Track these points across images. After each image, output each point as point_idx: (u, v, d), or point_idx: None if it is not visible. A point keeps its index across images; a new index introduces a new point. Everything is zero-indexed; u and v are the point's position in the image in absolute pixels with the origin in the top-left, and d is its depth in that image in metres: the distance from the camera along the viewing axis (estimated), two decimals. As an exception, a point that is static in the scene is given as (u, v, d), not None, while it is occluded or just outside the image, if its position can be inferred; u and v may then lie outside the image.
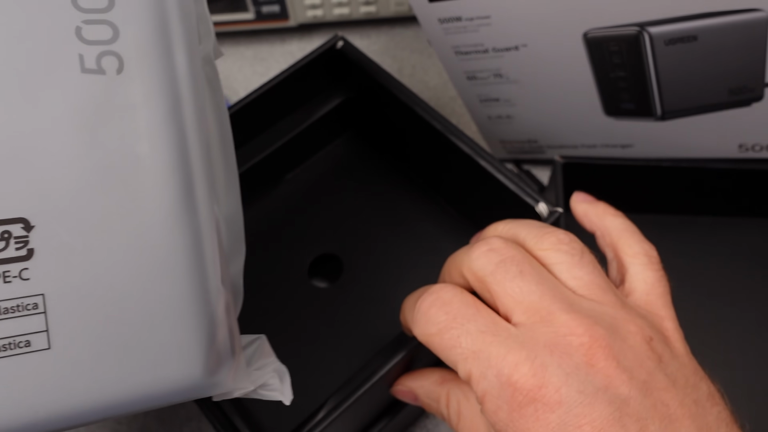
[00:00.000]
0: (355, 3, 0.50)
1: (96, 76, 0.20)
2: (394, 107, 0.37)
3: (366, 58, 0.37)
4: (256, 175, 0.39)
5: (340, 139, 0.43)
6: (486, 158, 0.33)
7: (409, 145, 0.40)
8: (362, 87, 0.39)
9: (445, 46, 0.38)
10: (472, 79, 0.40)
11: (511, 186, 0.31)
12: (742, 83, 0.35)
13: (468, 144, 0.34)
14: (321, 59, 0.38)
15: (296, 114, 0.40)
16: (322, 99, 0.41)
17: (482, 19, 0.35)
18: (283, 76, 0.38)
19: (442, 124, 0.35)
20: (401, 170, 0.42)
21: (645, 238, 0.28)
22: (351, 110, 0.42)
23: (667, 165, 0.33)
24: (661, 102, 0.37)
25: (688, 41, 0.34)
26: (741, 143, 0.39)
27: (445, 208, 0.40)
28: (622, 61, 0.35)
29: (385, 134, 0.42)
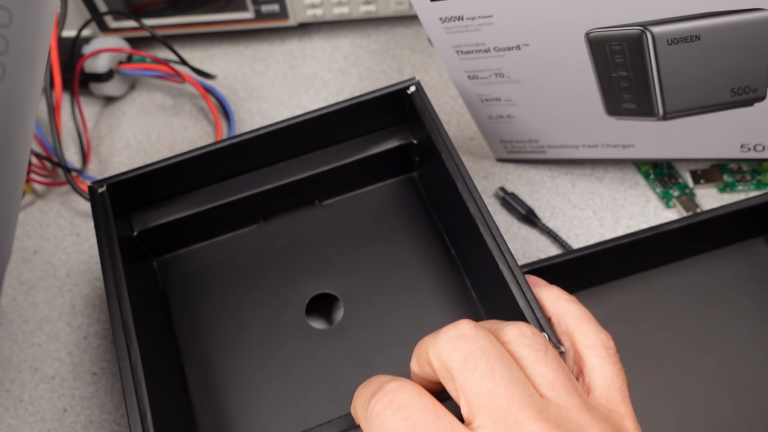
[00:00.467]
0: (355, 2, 0.50)
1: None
2: (440, 169, 0.35)
3: (428, 113, 0.35)
4: (295, 191, 0.39)
5: (383, 182, 0.41)
6: (510, 267, 0.30)
7: (446, 211, 0.38)
8: (422, 137, 0.38)
9: (446, 46, 0.38)
10: (473, 78, 0.40)
11: (525, 308, 0.29)
12: (744, 83, 0.35)
13: (497, 241, 0.31)
14: (388, 98, 0.36)
15: (350, 143, 0.39)
16: (382, 136, 0.39)
17: (484, 19, 0.35)
18: (341, 106, 0.36)
19: (478, 209, 0.32)
20: (435, 229, 0.39)
21: (600, 327, 0.27)
22: (405, 155, 0.40)
23: (604, 248, 0.36)
24: (663, 102, 0.37)
25: (690, 41, 0.34)
26: (743, 143, 0.39)
27: (465, 285, 0.37)
28: (624, 60, 0.35)
29: (428, 190, 0.40)
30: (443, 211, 0.38)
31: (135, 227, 0.36)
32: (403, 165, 0.41)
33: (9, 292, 0.44)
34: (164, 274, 0.39)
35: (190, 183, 0.37)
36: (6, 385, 0.41)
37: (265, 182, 0.37)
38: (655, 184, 0.45)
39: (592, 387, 0.26)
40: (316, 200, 0.40)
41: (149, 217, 0.37)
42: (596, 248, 0.36)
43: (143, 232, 0.37)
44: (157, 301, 0.38)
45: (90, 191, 0.34)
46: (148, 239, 0.37)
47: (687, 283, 0.40)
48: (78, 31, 0.49)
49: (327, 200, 0.41)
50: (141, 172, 0.35)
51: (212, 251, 0.40)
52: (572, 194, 0.45)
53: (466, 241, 0.35)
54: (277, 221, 0.40)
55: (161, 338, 0.36)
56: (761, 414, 0.36)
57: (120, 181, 0.35)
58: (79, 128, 0.50)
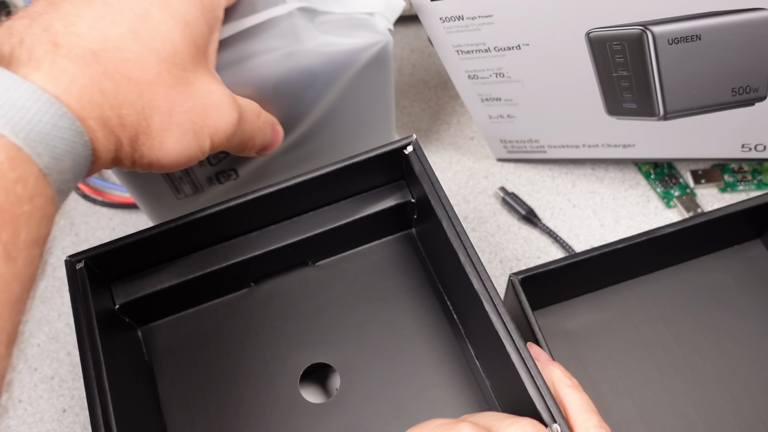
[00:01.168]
0: (355, 2, 0.50)
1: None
2: (440, 231, 0.32)
3: (427, 174, 0.33)
4: (287, 255, 0.36)
5: (380, 240, 0.39)
6: (516, 344, 0.28)
7: (448, 274, 0.35)
8: (419, 195, 0.35)
9: (446, 46, 0.38)
10: (473, 78, 0.40)
11: (536, 399, 0.27)
12: (745, 83, 0.35)
13: (502, 320, 0.29)
14: (384, 157, 0.34)
15: (344, 203, 0.37)
16: (378, 195, 0.37)
17: (484, 18, 0.35)
18: (334, 167, 0.34)
19: (482, 284, 0.30)
20: (435, 290, 0.37)
21: (602, 421, 0.27)
22: (402, 213, 0.38)
23: (600, 253, 0.36)
24: (663, 101, 0.37)
25: (691, 40, 0.33)
26: (744, 143, 0.39)
27: (468, 353, 0.35)
28: (624, 60, 0.35)
29: (427, 248, 0.38)
30: (444, 271, 0.36)
31: (117, 300, 0.34)
32: (401, 222, 0.39)
33: (8, 293, 0.44)
34: (149, 344, 0.37)
35: (175, 251, 0.35)
36: (5, 385, 0.41)
37: (255, 247, 0.35)
38: (655, 184, 0.45)
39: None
40: (309, 261, 0.38)
41: (132, 288, 0.34)
42: (593, 253, 0.36)
43: (125, 305, 0.34)
44: (143, 375, 0.35)
45: (67, 266, 0.32)
46: (131, 311, 0.35)
47: (685, 287, 0.40)
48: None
49: (321, 261, 0.38)
50: (121, 244, 0.32)
51: (200, 318, 0.37)
52: (573, 194, 0.45)
53: (470, 310, 0.33)
54: (268, 285, 0.38)
55: (146, 417, 0.34)
56: (761, 416, 0.36)
57: (99, 254, 0.32)
58: (79, 128, 0.50)
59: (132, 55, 0.24)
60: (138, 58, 0.24)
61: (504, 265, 0.43)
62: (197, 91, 0.26)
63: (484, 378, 0.34)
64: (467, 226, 0.45)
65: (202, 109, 0.26)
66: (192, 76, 0.26)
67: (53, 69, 0.22)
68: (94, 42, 0.23)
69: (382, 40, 0.34)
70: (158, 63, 0.25)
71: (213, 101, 0.27)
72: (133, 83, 0.24)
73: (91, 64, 0.23)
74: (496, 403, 0.33)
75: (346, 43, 0.34)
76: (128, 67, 0.24)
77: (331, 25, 0.34)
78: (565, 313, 0.39)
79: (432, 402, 0.34)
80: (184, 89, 0.26)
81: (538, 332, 0.33)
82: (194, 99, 0.26)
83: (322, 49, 0.34)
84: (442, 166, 0.47)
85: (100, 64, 0.23)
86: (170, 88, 0.25)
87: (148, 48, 0.24)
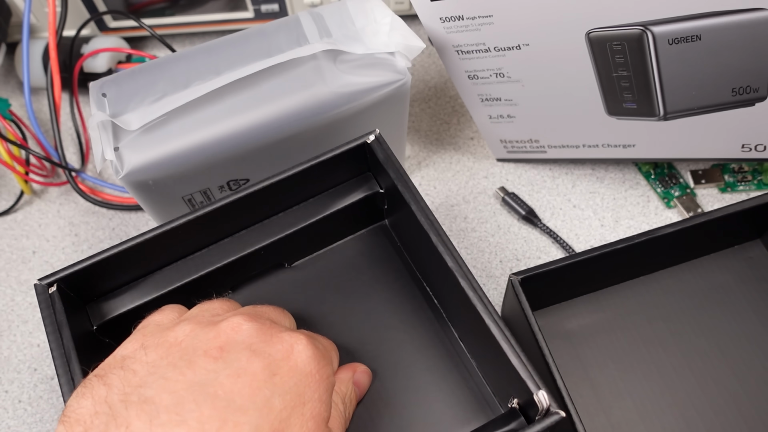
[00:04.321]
0: (355, 2, 0.50)
1: None
2: (412, 217, 0.32)
3: (391, 161, 0.33)
4: (261, 259, 0.36)
5: (354, 234, 0.39)
6: (497, 323, 0.28)
7: (424, 259, 0.35)
8: (387, 185, 0.35)
9: (446, 45, 0.38)
10: (473, 78, 0.40)
11: (518, 367, 0.27)
12: (745, 83, 0.35)
13: (478, 294, 0.29)
14: (348, 153, 0.35)
15: (313, 201, 0.36)
16: (345, 189, 0.37)
17: (484, 18, 0.35)
18: (299, 169, 0.34)
19: (455, 261, 0.30)
20: (414, 278, 0.37)
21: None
22: (372, 204, 0.37)
23: (600, 253, 0.36)
24: (663, 102, 0.37)
25: (691, 41, 0.33)
26: (744, 143, 0.39)
27: (452, 336, 0.35)
28: (624, 60, 0.35)
29: (401, 237, 0.38)
30: (420, 258, 0.36)
31: (94, 321, 0.33)
32: (372, 215, 0.38)
33: (8, 292, 0.44)
34: None
35: (148, 265, 0.34)
36: (5, 385, 0.41)
37: (228, 254, 0.35)
38: (655, 184, 0.45)
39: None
40: (285, 263, 0.38)
41: (108, 307, 0.34)
42: (593, 253, 0.35)
43: (103, 325, 0.33)
44: None
45: (37, 290, 0.31)
46: (109, 330, 0.34)
47: (685, 287, 0.39)
48: (77, 30, 0.49)
49: (297, 261, 0.38)
50: (91, 261, 0.31)
51: None
52: (573, 194, 0.45)
53: (448, 291, 0.33)
54: (246, 290, 0.37)
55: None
56: (761, 416, 0.36)
57: (70, 274, 0.31)
58: (78, 128, 0.50)
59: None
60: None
61: (504, 265, 0.43)
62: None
63: (470, 359, 0.34)
64: (467, 226, 0.45)
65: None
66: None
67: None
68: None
69: (401, 78, 0.36)
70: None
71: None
72: None
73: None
74: (484, 382, 0.33)
75: (367, 82, 0.36)
76: None
77: (353, 65, 0.36)
78: (565, 313, 0.39)
79: (419, 388, 0.33)
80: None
81: (537, 332, 0.33)
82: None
83: (344, 90, 0.35)
84: (442, 166, 0.47)
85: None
86: None
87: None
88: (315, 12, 0.38)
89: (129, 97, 0.35)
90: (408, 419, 0.33)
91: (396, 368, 0.34)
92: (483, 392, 0.33)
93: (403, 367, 0.34)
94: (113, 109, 0.35)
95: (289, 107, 0.35)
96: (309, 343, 0.28)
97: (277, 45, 0.36)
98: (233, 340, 0.27)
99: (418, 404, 0.33)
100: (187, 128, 0.34)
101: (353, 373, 0.32)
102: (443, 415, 0.33)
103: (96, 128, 0.34)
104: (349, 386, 0.31)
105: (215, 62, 0.36)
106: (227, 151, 0.35)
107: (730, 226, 0.38)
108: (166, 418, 0.24)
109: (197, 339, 0.27)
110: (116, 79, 0.36)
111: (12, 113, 0.47)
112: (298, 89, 0.35)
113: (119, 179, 0.34)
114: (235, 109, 0.35)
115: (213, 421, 0.24)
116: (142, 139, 0.34)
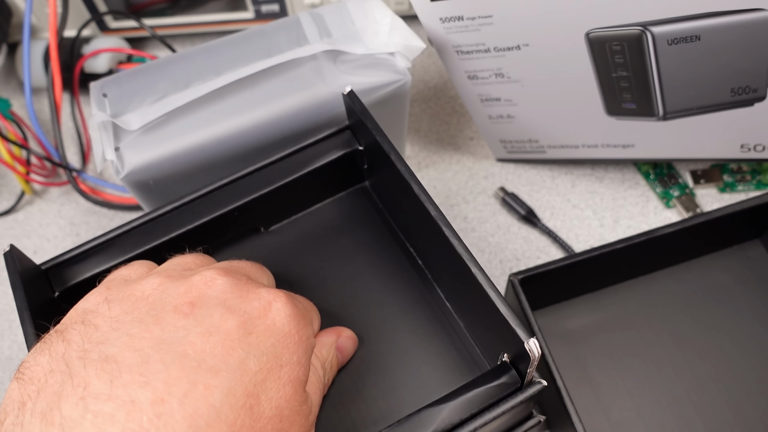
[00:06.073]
0: (355, 2, 0.50)
1: None
2: (392, 174, 0.31)
3: (368, 113, 0.32)
4: (235, 221, 0.34)
5: (333, 197, 0.37)
6: (483, 273, 0.28)
7: (406, 218, 0.34)
8: (367, 141, 0.34)
9: (446, 46, 0.38)
10: (473, 78, 0.40)
11: (506, 314, 0.26)
12: (744, 83, 0.35)
13: (463, 243, 0.28)
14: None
15: (288, 160, 0.35)
16: (323, 148, 0.35)
17: (484, 19, 0.35)
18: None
19: (438, 211, 0.29)
20: (396, 239, 0.36)
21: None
22: (352, 164, 0.36)
23: (599, 253, 0.36)
24: (663, 102, 0.37)
25: (690, 41, 0.34)
26: (743, 143, 0.39)
27: (437, 296, 0.34)
28: (624, 60, 0.35)
29: (382, 198, 0.37)
30: (402, 218, 0.35)
31: (56, 287, 0.31)
32: (352, 176, 0.37)
33: (8, 292, 0.44)
34: None
35: (116, 229, 0.33)
36: (6, 384, 0.41)
37: (200, 215, 0.33)
38: (655, 184, 0.45)
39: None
40: (261, 228, 0.36)
41: (71, 273, 0.32)
42: (593, 253, 0.36)
43: (66, 292, 0.31)
44: None
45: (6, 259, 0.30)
46: (72, 298, 0.30)
47: (684, 287, 0.40)
48: (78, 31, 0.49)
49: (274, 226, 0.36)
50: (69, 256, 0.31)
51: None
52: (572, 194, 0.45)
53: (432, 247, 0.32)
54: (221, 256, 0.35)
55: None
56: (760, 415, 0.36)
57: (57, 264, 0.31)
58: (79, 128, 0.50)
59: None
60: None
61: (504, 265, 0.43)
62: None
63: (457, 319, 0.33)
64: (467, 226, 0.45)
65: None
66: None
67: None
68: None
69: (401, 79, 0.36)
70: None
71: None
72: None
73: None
74: (472, 343, 0.32)
75: (367, 82, 0.36)
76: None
77: (353, 65, 0.36)
78: (564, 313, 0.39)
79: (404, 351, 0.32)
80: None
81: (537, 332, 0.33)
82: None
83: (343, 90, 0.35)
84: (442, 166, 0.47)
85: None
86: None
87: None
88: (315, 12, 0.38)
89: (129, 97, 0.35)
90: (393, 383, 0.31)
91: (380, 332, 0.33)
92: (471, 353, 0.32)
93: (387, 331, 0.33)
94: (114, 109, 0.35)
95: (290, 107, 0.35)
96: (288, 301, 0.26)
97: (277, 45, 0.36)
98: (206, 295, 0.25)
99: (403, 368, 0.32)
100: (188, 128, 0.34)
101: (337, 338, 0.30)
102: (430, 377, 0.31)
103: (96, 128, 0.34)
104: (331, 351, 0.30)
105: (215, 62, 0.36)
106: (227, 151, 0.35)
107: (729, 225, 0.38)
108: (128, 379, 0.22)
109: (166, 293, 0.25)
110: (117, 79, 0.36)
111: (13, 113, 0.47)
112: (298, 89, 0.35)
113: (120, 179, 0.34)
114: (236, 109, 0.35)
115: (181, 382, 0.22)
116: (143, 139, 0.34)
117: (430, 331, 0.33)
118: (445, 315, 0.33)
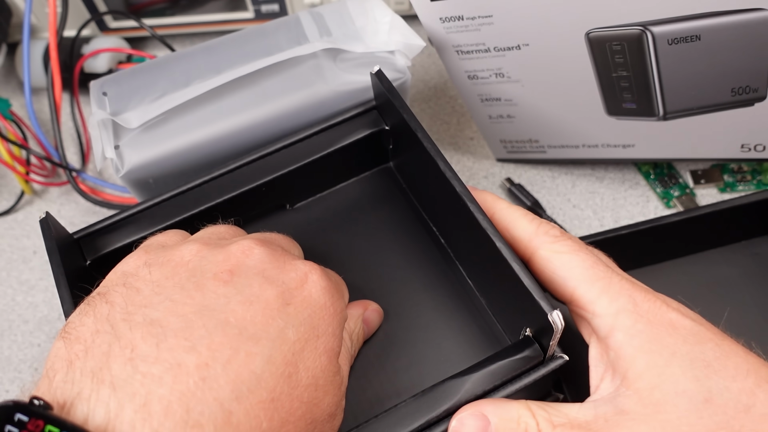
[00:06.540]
0: (355, 2, 0.50)
1: None
2: (417, 153, 0.32)
3: (396, 92, 0.33)
4: (262, 197, 0.35)
5: (357, 177, 0.38)
6: (507, 246, 0.28)
7: (430, 197, 0.35)
8: (393, 121, 0.35)
9: (446, 46, 0.38)
10: (473, 78, 0.40)
11: (531, 287, 0.26)
12: (745, 83, 0.35)
13: (487, 218, 0.28)
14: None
15: (316, 138, 0.35)
16: (350, 128, 0.36)
17: (484, 19, 0.35)
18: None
19: (463, 186, 0.29)
20: (419, 219, 0.36)
21: (545, 222, 0.28)
22: (378, 144, 0.37)
23: (603, 238, 0.36)
24: (663, 102, 0.37)
25: (690, 41, 0.34)
26: (743, 143, 0.39)
27: (460, 275, 0.34)
28: (624, 60, 0.35)
29: (406, 178, 0.37)
30: (426, 198, 0.35)
31: (87, 256, 0.32)
32: (377, 156, 0.38)
33: (9, 292, 0.44)
34: None
35: (146, 201, 0.34)
36: (5, 385, 0.41)
37: (229, 189, 0.34)
38: (655, 184, 0.45)
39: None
40: (287, 204, 0.37)
41: (103, 242, 0.33)
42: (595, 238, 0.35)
43: (97, 260, 0.32)
44: None
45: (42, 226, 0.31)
46: (104, 267, 0.31)
47: (690, 280, 0.39)
48: (78, 31, 0.49)
49: (299, 203, 0.37)
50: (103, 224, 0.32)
51: None
52: (572, 194, 0.45)
53: (455, 225, 0.32)
54: (247, 230, 0.35)
55: None
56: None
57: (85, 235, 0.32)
58: (79, 128, 0.50)
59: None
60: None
61: (504, 265, 0.43)
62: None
63: (479, 297, 0.33)
64: (467, 226, 0.45)
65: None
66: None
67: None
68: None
69: (401, 77, 0.36)
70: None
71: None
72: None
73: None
74: (494, 320, 0.32)
75: (367, 80, 0.35)
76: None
77: (353, 63, 0.36)
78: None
79: (427, 327, 0.33)
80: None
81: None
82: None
83: (344, 88, 0.35)
84: (442, 166, 0.47)
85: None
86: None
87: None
88: (315, 11, 0.38)
89: (129, 95, 0.35)
90: (416, 357, 0.32)
91: (403, 307, 0.33)
92: (493, 329, 0.32)
93: (410, 306, 0.33)
94: (114, 108, 0.35)
95: (290, 105, 0.35)
96: (323, 274, 0.27)
97: (277, 44, 0.36)
98: (244, 264, 0.25)
99: (426, 342, 0.32)
100: (188, 126, 0.34)
101: (363, 310, 0.31)
102: (452, 353, 0.32)
103: (96, 126, 0.34)
104: (358, 323, 0.30)
105: (215, 61, 0.36)
106: (227, 149, 0.35)
107: (737, 219, 0.38)
108: (174, 343, 0.22)
109: (205, 260, 0.25)
110: (117, 78, 0.36)
111: (12, 113, 0.47)
112: (298, 88, 0.35)
113: (119, 177, 0.34)
114: (235, 108, 0.35)
115: (224, 348, 0.22)
116: (143, 138, 0.34)
117: (452, 308, 0.33)
118: (467, 292, 0.33)
